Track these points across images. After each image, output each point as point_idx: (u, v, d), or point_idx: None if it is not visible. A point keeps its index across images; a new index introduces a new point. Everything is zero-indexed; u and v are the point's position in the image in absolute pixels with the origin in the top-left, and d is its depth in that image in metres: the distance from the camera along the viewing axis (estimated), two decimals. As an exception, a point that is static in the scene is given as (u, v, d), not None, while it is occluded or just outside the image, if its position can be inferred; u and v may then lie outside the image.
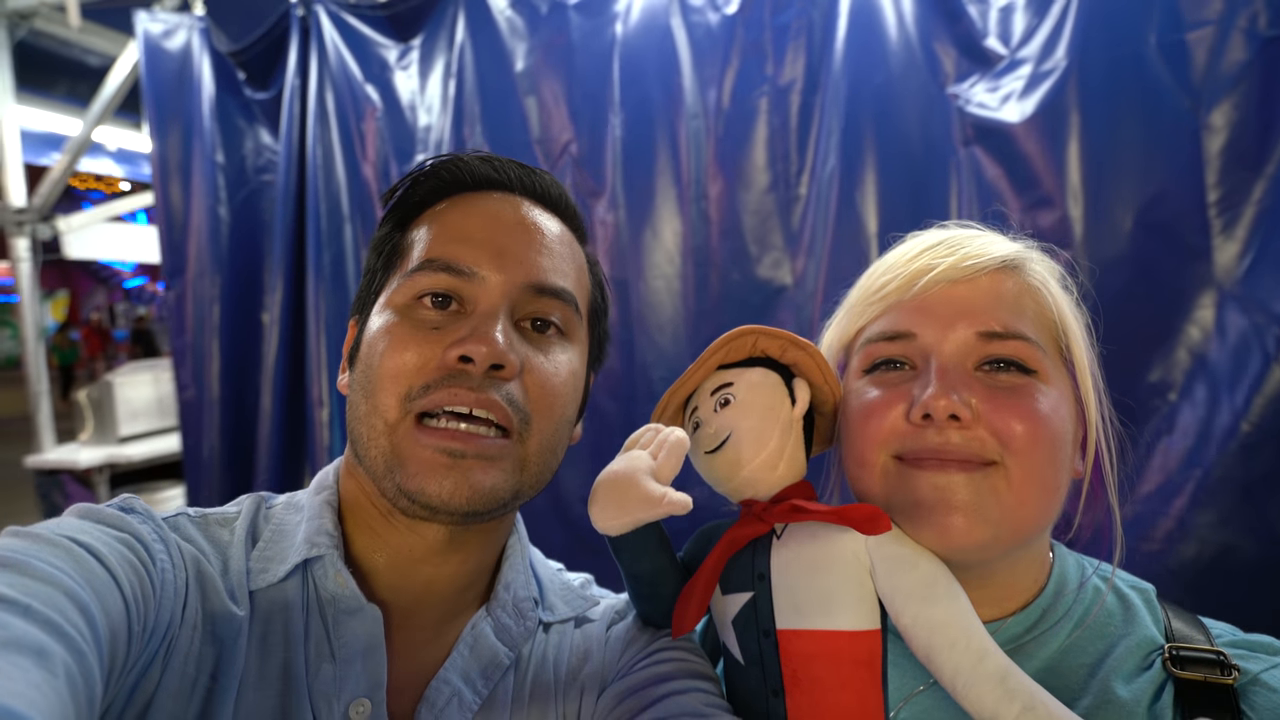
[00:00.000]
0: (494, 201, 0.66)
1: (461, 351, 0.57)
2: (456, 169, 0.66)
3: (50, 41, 2.80)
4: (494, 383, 0.58)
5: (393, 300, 0.62)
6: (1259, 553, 1.27)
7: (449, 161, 0.66)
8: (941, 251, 0.66)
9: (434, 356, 0.58)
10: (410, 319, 0.61)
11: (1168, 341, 1.38)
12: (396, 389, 0.58)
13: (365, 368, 0.61)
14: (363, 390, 0.61)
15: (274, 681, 0.57)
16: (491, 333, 0.58)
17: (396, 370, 0.58)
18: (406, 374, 0.58)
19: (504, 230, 0.63)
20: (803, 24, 1.68)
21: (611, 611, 0.72)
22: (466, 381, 0.57)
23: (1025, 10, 1.50)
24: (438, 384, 0.58)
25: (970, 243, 0.66)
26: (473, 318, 0.60)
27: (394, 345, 0.59)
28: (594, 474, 0.60)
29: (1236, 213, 1.32)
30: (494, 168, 0.67)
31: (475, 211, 0.65)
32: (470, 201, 0.66)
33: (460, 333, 0.58)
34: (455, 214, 0.65)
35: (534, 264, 0.63)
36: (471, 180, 0.66)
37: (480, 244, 0.62)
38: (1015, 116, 1.47)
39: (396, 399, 0.58)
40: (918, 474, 0.60)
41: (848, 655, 0.56)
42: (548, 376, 0.62)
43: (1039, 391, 0.61)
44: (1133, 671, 0.60)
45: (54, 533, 0.49)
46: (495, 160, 0.67)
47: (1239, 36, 1.29)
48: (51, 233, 2.79)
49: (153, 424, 3.09)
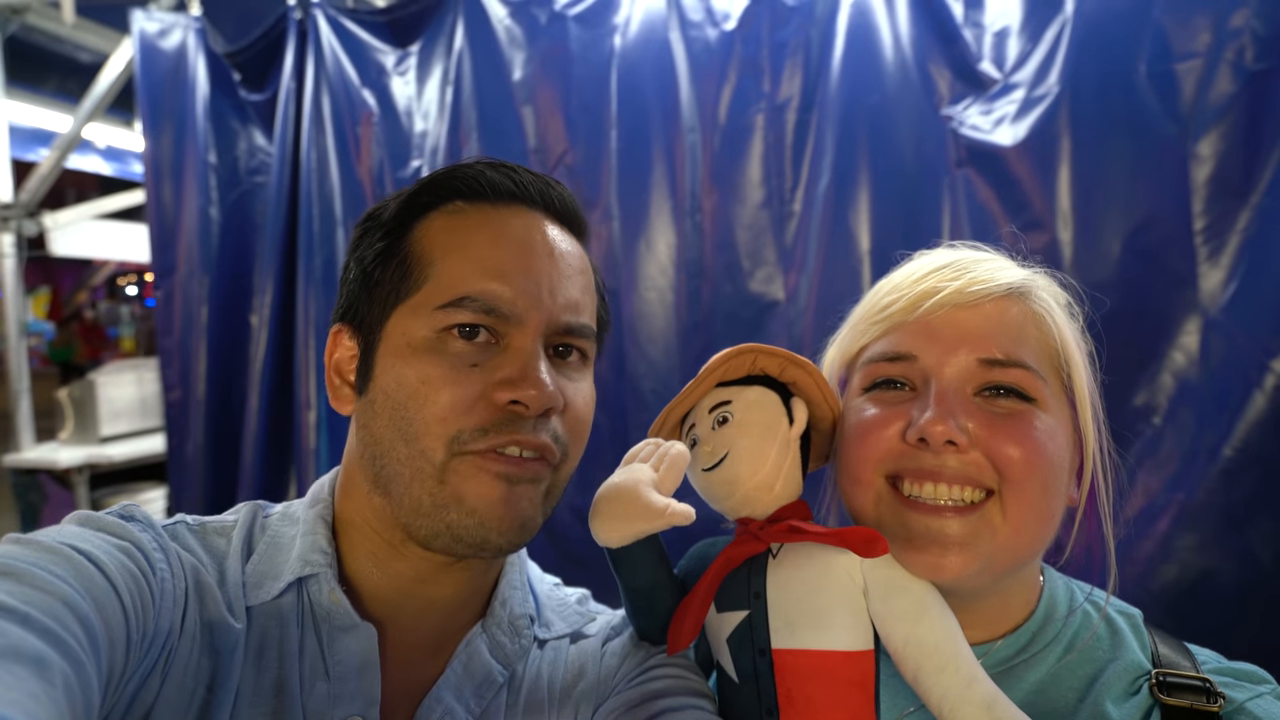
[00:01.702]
0: (519, 225, 0.63)
1: (515, 396, 0.56)
2: (475, 180, 0.63)
3: (41, 37, 2.77)
4: (544, 424, 0.59)
5: (416, 330, 0.59)
6: (1239, 577, 1.29)
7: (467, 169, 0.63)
8: (948, 275, 0.65)
9: (477, 396, 0.57)
10: (442, 355, 0.58)
11: (1153, 366, 1.40)
12: (444, 432, 0.56)
13: (397, 406, 0.58)
14: (398, 430, 0.58)
15: (268, 698, 0.56)
16: (539, 375, 0.57)
17: (441, 415, 0.56)
18: (454, 418, 0.56)
19: (537, 263, 0.61)
20: (800, 42, 1.69)
21: (608, 627, 0.72)
22: (522, 428, 0.57)
23: (1020, 36, 1.53)
24: (493, 429, 0.56)
25: (977, 267, 0.66)
26: (509, 354, 0.58)
27: (433, 386, 0.57)
28: (583, 482, 0.60)
29: (1222, 240, 1.34)
30: (514, 181, 0.63)
31: (504, 238, 0.61)
32: (493, 222, 0.62)
33: (503, 371, 0.57)
34: (482, 240, 0.61)
35: (566, 300, 0.61)
36: (490, 192, 0.63)
37: (517, 280, 0.59)
38: (1008, 140, 1.49)
39: (444, 443, 0.56)
40: (911, 514, 0.60)
41: (842, 675, 0.56)
42: (580, 408, 0.63)
43: (1037, 419, 0.61)
44: (1121, 696, 0.61)
45: (54, 540, 0.48)
46: (512, 171, 0.64)
47: (1226, 69, 1.32)
48: (38, 229, 2.76)
49: (135, 424, 3.04)
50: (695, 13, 1.78)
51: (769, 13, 1.71)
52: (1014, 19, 1.54)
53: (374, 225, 0.64)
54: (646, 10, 1.82)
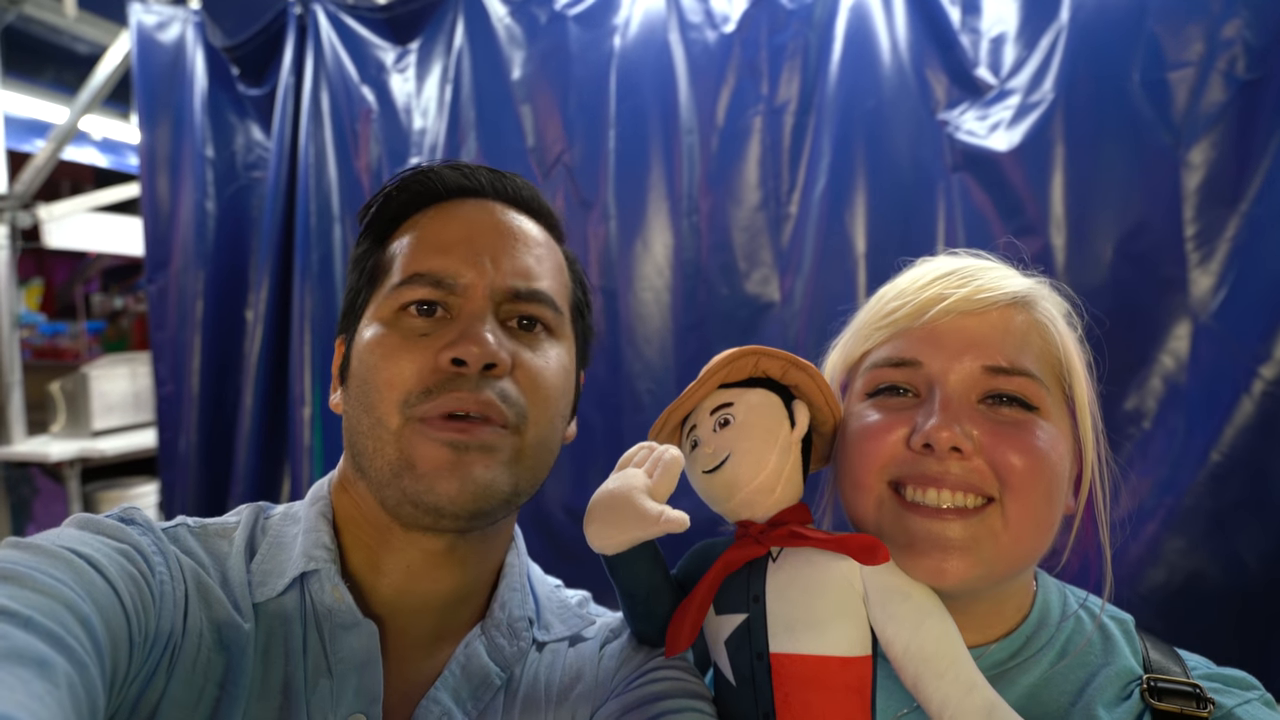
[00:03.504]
0: (468, 208, 0.67)
1: (454, 354, 0.58)
2: (427, 179, 0.67)
3: (39, 28, 2.75)
4: (489, 382, 0.59)
5: (379, 314, 0.63)
6: (1227, 580, 1.30)
7: (419, 174, 0.67)
8: (954, 282, 0.66)
9: (427, 362, 0.59)
10: (398, 329, 0.62)
11: (1143, 370, 1.42)
12: (394, 397, 0.59)
13: (360, 382, 0.62)
14: (361, 405, 0.61)
15: (275, 694, 0.57)
16: (480, 333, 0.59)
17: (391, 379, 0.59)
18: (402, 382, 0.59)
19: (480, 235, 0.64)
20: (799, 45, 1.70)
21: (606, 630, 0.72)
22: (464, 385, 0.58)
23: (1015, 42, 1.54)
24: (437, 389, 0.58)
25: (983, 275, 0.67)
26: (459, 321, 0.61)
27: (386, 355, 0.60)
28: (578, 482, 0.60)
29: (1212, 247, 1.36)
30: (464, 175, 0.67)
31: (451, 220, 0.66)
32: (445, 211, 0.67)
33: (449, 336, 0.59)
34: (432, 225, 0.66)
35: (513, 266, 0.64)
36: (444, 189, 0.67)
37: (459, 252, 0.63)
38: (1003, 145, 1.51)
39: (395, 407, 0.59)
40: (913, 518, 0.61)
41: (839, 680, 0.57)
42: (539, 370, 0.63)
43: (1039, 428, 0.62)
44: (1113, 700, 0.62)
45: (54, 544, 0.49)
46: (465, 167, 0.68)
47: (1218, 78, 1.34)
48: (32, 221, 2.74)
49: (127, 419, 3.03)
50: (695, 15, 1.79)
51: (768, 16, 1.72)
52: (1010, 25, 1.55)
53: (358, 243, 0.70)
54: (646, 11, 1.83)
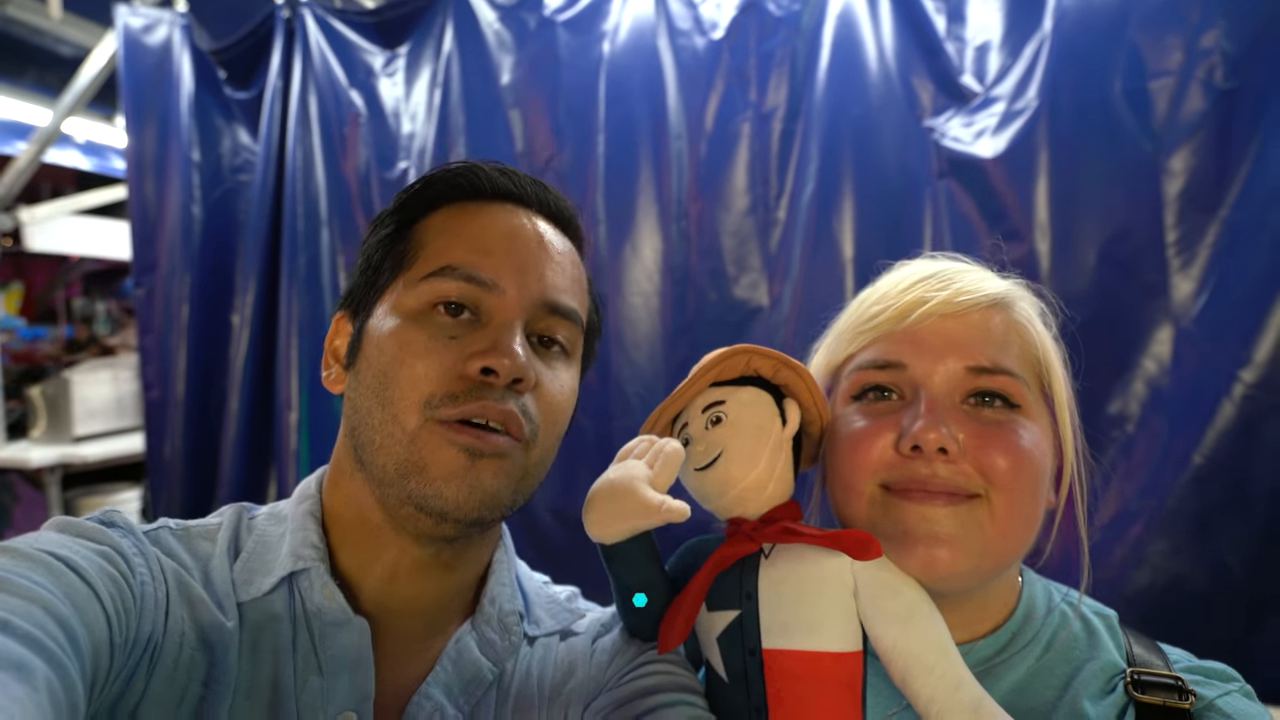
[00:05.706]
0: (511, 214, 0.66)
1: (486, 363, 0.58)
2: (474, 175, 0.67)
3: (21, 29, 2.73)
4: (513, 395, 0.60)
5: (404, 303, 0.62)
6: (1209, 582, 1.32)
7: (466, 167, 0.67)
8: (934, 285, 0.67)
9: (453, 366, 0.59)
10: (425, 326, 0.61)
11: (1126, 374, 1.43)
12: (416, 396, 0.58)
13: (378, 373, 0.61)
14: (376, 397, 0.60)
15: (264, 693, 0.56)
16: (513, 346, 0.59)
17: (415, 378, 0.59)
18: (427, 382, 0.58)
19: (523, 245, 0.64)
20: (787, 53, 1.72)
21: (597, 624, 0.72)
22: (489, 394, 0.58)
23: (1000, 50, 1.56)
24: (463, 396, 0.58)
25: (962, 278, 0.68)
26: (489, 329, 0.60)
27: (413, 353, 0.59)
28: (565, 486, 0.61)
29: (1193, 252, 1.38)
30: (511, 181, 0.67)
31: (495, 223, 0.65)
32: (487, 212, 0.66)
33: (479, 344, 0.59)
34: (474, 223, 0.65)
35: (550, 282, 0.64)
36: (490, 189, 0.67)
37: (501, 257, 0.62)
38: (988, 152, 1.52)
39: (416, 406, 0.58)
40: (905, 505, 0.62)
41: (831, 676, 0.57)
42: (555, 394, 0.64)
43: (1022, 427, 0.63)
44: (1097, 694, 0.63)
45: (32, 547, 0.49)
46: (511, 171, 0.68)
47: (1197, 87, 1.36)
48: (13, 223, 2.71)
49: (110, 424, 2.99)
50: (684, 21, 1.80)
51: (756, 23, 1.73)
52: (995, 34, 1.57)
53: (382, 222, 0.68)
54: (635, 17, 1.84)
